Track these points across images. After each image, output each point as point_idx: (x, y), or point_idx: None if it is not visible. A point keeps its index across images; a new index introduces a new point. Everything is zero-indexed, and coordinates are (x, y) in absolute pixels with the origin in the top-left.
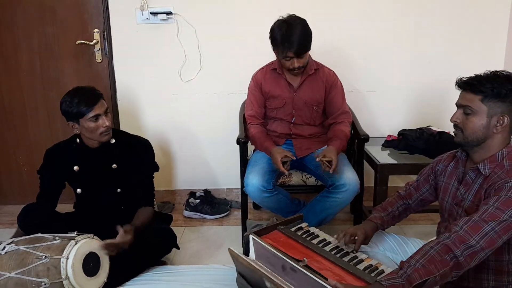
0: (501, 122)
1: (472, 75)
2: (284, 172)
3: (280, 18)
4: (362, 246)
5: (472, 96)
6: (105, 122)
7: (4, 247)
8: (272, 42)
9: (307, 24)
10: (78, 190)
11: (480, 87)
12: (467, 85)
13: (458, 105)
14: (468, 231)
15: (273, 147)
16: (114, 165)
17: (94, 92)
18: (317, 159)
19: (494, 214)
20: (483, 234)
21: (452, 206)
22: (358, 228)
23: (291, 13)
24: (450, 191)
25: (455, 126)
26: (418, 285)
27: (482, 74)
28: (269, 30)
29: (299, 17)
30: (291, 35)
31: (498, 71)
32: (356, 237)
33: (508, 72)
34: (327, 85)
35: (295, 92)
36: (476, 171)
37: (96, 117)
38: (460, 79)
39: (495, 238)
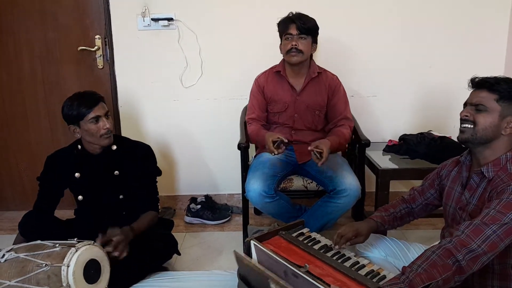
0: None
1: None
2: (274, 152)
3: None
4: (364, 252)
5: (487, 95)
6: (105, 124)
7: (4, 255)
8: (278, 28)
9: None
10: (80, 197)
11: (498, 86)
12: (484, 83)
13: (470, 103)
14: (470, 235)
15: (267, 132)
16: (116, 172)
17: (94, 95)
18: (309, 148)
19: (496, 217)
20: (484, 237)
21: (455, 210)
22: (350, 225)
23: None
24: (454, 196)
25: (464, 121)
26: None
27: (497, 76)
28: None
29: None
30: (296, 14)
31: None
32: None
33: None
34: (330, 90)
35: (297, 95)
36: (480, 174)
37: (97, 118)
38: (475, 78)
39: (497, 241)
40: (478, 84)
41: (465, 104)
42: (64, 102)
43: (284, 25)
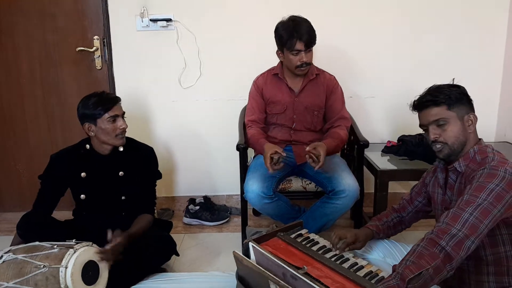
0: (471, 121)
1: (417, 96)
2: (269, 169)
3: (282, 19)
4: (362, 253)
5: (438, 110)
6: (122, 124)
7: (2, 256)
8: (278, 41)
9: (309, 21)
10: (82, 196)
11: (439, 99)
12: (429, 102)
13: (428, 123)
14: (449, 222)
15: (266, 143)
16: (121, 172)
17: (112, 94)
18: (306, 149)
19: (469, 201)
20: (463, 221)
21: (443, 212)
22: (348, 230)
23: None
24: (438, 199)
25: (435, 142)
26: (414, 282)
27: (427, 91)
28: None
29: (300, 16)
30: (299, 27)
31: (434, 85)
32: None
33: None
34: (328, 90)
35: (296, 97)
36: (455, 171)
37: (114, 118)
38: (415, 101)
39: (477, 223)
40: (421, 105)
41: (423, 126)
42: (81, 100)
43: (290, 41)
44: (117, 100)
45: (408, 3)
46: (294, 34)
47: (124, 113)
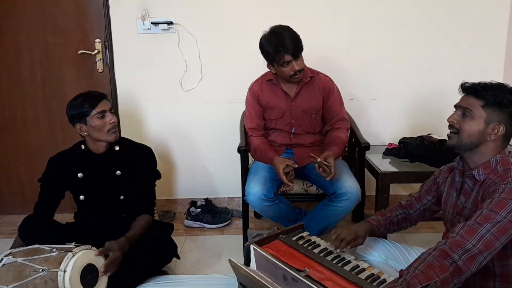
0: (496, 130)
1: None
2: (288, 184)
3: (263, 33)
4: (364, 255)
5: (473, 101)
6: (112, 118)
7: (2, 259)
8: (266, 56)
9: (291, 27)
10: (81, 197)
11: (483, 93)
12: (471, 89)
13: (458, 106)
14: (464, 236)
15: (275, 157)
16: (118, 172)
17: (97, 92)
18: (318, 159)
19: (488, 216)
20: (479, 237)
21: (453, 216)
22: (347, 228)
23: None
24: (451, 202)
25: (450, 127)
26: None
27: (487, 82)
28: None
29: (280, 25)
30: (282, 40)
31: (502, 83)
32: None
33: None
34: (324, 91)
35: (292, 101)
36: (473, 178)
37: (102, 113)
38: (465, 83)
39: (492, 240)
40: (466, 89)
41: (455, 108)
42: (68, 103)
43: (277, 56)
44: (102, 96)
45: (408, 5)
46: (280, 48)
47: (111, 108)
